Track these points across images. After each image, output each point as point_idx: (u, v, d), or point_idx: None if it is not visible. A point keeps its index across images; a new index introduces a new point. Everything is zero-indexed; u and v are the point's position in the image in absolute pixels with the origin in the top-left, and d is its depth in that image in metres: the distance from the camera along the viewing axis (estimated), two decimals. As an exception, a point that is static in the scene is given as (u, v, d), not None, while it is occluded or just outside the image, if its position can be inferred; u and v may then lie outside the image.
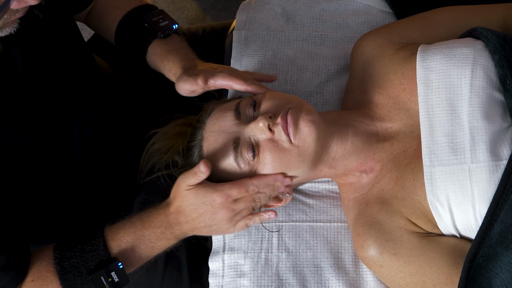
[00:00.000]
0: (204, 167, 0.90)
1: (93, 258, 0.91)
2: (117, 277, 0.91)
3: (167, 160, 1.09)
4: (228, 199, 0.92)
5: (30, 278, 0.92)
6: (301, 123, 0.93)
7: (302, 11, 1.28)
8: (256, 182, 0.94)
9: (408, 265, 0.94)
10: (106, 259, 0.92)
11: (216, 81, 0.97)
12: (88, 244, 0.92)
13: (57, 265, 0.91)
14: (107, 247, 0.92)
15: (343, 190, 1.07)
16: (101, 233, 0.94)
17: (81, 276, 0.91)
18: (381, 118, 1.03)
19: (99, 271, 0.91)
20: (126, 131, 1.18)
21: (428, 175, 0.93)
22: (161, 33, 1.06)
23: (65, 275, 0.91)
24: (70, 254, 0.92)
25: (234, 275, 1.09)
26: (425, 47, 1.02)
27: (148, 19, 1.07)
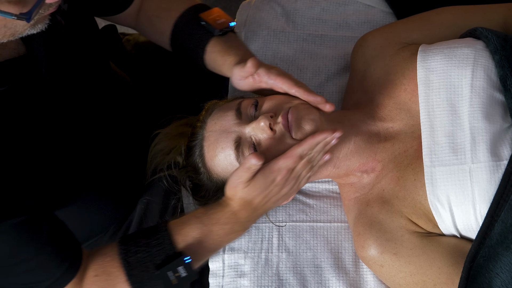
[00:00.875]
0: (256, 160, 0.87)
1: (159, 252, 0.90)
2: (184, 272, 0.90)
3: (169, 160, 1.09)
4: (288, 172, 0.92)
5: (93, 273, 0.90)
6: (302, 122, 0.93)
7: (302, 11, 1.28)
8: (306, 146, 0.91)
9: (408, 265, 0.94)
10: (172, 253, 0.90)
11: (269, 77, 0.94)
12: (153, 238, 0.91)
13: (123, 261, 0.89)
14: (172, 241, 0.91)
15: (343, 190, 1.07)
16: (165, 228, 0.92)
17: (148, 271, 0.89)
18: (382, 118, 1.03)
19: (166, 266, 0.89)
20: (131, 131, 1.18)
21: (428, 175, 0.93)
22: (219, 30, 1.05)
23: (131, 270, 0.89)
24: (135, 248, 0.90)
25: (234, 275, 1.09)
26: (426, 47, 1.02)
27: (205, 17, 1.06)
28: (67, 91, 0.95)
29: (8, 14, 0.68)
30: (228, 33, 1.07)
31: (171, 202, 1.14)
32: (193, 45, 1.06)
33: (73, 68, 0.96)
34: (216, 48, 1.04)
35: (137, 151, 1.16)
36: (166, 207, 1.16)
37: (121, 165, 1.15)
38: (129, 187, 1.18)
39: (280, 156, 0.91)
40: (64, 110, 0.95)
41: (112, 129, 1.10)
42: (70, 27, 0.94)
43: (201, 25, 1.06)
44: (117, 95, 1.13)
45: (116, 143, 1.12)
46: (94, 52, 1.04)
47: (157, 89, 1.33)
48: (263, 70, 0.94)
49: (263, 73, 0.95)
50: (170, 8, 1.11)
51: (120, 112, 1.13)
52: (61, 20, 0.91)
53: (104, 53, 1.11)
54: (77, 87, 0.97)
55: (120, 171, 1.15)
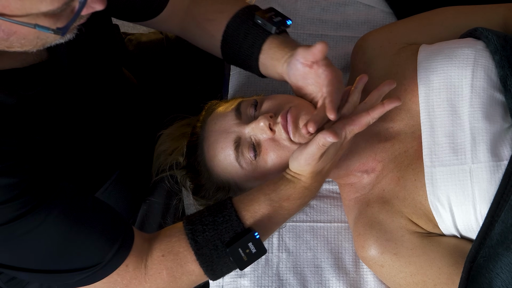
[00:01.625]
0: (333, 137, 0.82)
1: (227, 230, 0.88)
2: (254, 248, 0.87)
3: (171, 161, 1.09)
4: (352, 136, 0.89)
5: (159, 253, 0.88)
6: (301, 122, 0.93)
7: (302, 11, 1.28)
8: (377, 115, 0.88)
9: (409, 265, 0.94)
10: (241, 230, 0.88)
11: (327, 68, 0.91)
12: (219, 215, 0.89)
13: (191, 240, 0.87)
14: (240, 218, 0.89)
15: (343, 190, 1.07)
16: (230, 204, 0.90)
17: (217, 249, 0.87)
18: (382, 118, 1.03)
19: (237, 243, 0.87)
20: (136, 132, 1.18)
21: (429, 175, 0.93)
22: (276, 28, 1.02)
23: (200, 250, 0.87)
24: (202, 227, 0.88)
25: (235, 275, 1.09)
26: (426, 48, 1.02)
27: (261, 15, 1.03)
28: (85, 94, 0.95)
29: (46, 29, 0.68)
30: (283, 32, 1.05)
31: (173, 203, 1.14)
32: (248, 45, 1.03)
33: (91, 72, 0.96)
34: (274, 44, 1.01)
35: (142, 152, 1.17)
36: (168, 207, 1.16)
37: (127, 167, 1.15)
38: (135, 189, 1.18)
39: (347, 121, 0.87)
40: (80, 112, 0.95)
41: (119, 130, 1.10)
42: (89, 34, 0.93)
43: (257, 24, 1.03)
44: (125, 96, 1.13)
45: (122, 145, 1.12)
46: (109, 56, 1.04)
47: (158, 89, 1.33)
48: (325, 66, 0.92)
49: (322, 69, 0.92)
50: (222, 10, 1.08)
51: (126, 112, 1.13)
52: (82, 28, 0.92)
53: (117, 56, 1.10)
54: (94, 90, 0.98)
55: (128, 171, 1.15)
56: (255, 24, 1.03)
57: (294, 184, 0.92)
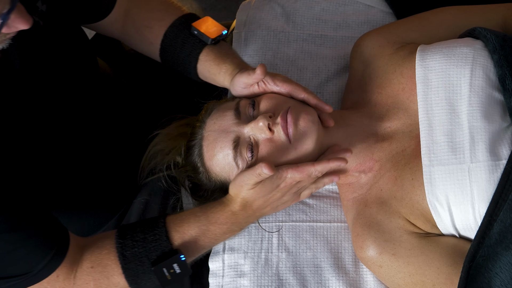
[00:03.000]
0: (268, 170, 0.89)
1: (155, 248, 0.92)
2: (179, 269, 0.91)
3: (169, 161, 1.09)
4: (292, 182, 0.95)
5: (89, 264, 0.91)
6: (300, 123, 0.93)
7: (302, 11, 1.28)
8: (320, 168, 0.94)
9: (407, 265, 0.94)
10: (168, 250, 0.92)
11: (275, 83, 0.97)
12: (150, 234, 0.93)
13: (119, 254, 0.91)
14: (169, 238, 0.93)
15: (342, 190, 1.07)
16: (163, 223, 0.94)
17: (143, 265, 0.91)
18: (380, 118, 1.03)
19: (162, 263, 0.91)
20: (127, 131, 1.18)
21: (427, 174, 0.93)
22: (212, 39, 1.06)
23: (127, 264, 0.91)
24: (132, 243, 0.92)
25: (234, 275, 1.09)
26: (425, 47, 1.02)
27: (197, 26, 1.06)
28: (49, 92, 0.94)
29: None
30: (220, 41, 1.08)
31: (170, 202, 1.15)
32: (185, 54, 1.07)
33: (55, 69, 0.95)
34: (210, 57, 1.05)
35: (131, 151, 1.16)
36: (165, 207, 1.16)
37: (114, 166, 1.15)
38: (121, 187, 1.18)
39: (292, 166, 0.93)
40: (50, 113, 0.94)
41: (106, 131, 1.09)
42: (50, 28, 0.94)
43: (193, 34, 1.07)
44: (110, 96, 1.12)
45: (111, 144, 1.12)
46: (77, 51, 1.03)
47: (156, 89, 1.33)
48: (269, 77, 0.97)
49: (269, 80, 0.97)
50: (160, 18, 1.10)
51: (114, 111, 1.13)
52: (39, 21, 0.90)
53: (90, 51, 1.10)
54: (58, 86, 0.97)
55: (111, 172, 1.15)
56: (191, 34, 1.06)
57: (223, 208, 0.96)
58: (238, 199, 0.96)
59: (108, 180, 1.14)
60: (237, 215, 0.96)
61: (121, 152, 1.16)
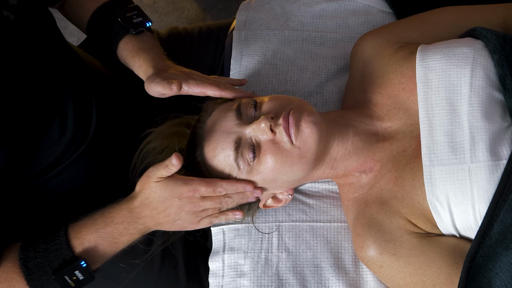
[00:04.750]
0: (176, 160, 0.90)
1: (57, 257, 0.92)
2: (81, 275, 0.92)
3: (162, 160, 1.08)
4: (195, 193, 0.94)
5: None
6: (302, 124, 0.93)
7: (302, 11, 1.28)
8: (226, 185, 0.95)
9: (407, 265, 0.94)
10: (70, 258, 0.93)
11: (190, 88, 0.96)
12: (51, 243, 0.93)
13: (22, 266, 0.91)
14: (70, 246, 0.93)
15: (342, 190, 1.07)
16: (64, 232, 0.94)
17: (46, 275, 0.92)
18: (381, 118, 1.03)
19: (63, 271, 0.92)
20: (117, 129, 1.17)
21: (427, 174, 0.93)
22: (133, 29, 1.06)
23: (30, 276, 0.91)
24: (34, 254, 0.92)
25: (234, 275, 1.09)
26: (425, 47, 1.02)
27: (121, 14, 1.07)
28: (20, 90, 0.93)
29: None
30: (144, 32, 1.08)
31: None
32: (107, 38, 1.07)
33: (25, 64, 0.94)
34: (128, 47, 1.05)
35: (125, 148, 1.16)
36: None
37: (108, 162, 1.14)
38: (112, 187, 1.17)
39: (201, 178, 0.94)
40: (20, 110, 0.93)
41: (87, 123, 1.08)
42: (21, 22, 0.93)
43: (118, 20, 1.07)
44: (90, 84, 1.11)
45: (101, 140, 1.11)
46: (51, 43, 1.03)
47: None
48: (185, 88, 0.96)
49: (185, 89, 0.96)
50: None
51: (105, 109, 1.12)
52: (9, 15, 0.89)
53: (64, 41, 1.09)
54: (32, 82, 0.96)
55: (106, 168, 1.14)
56: (116, 20, 1.07)
57: (120, 206, 0.95)
58: (139, 194, 0.95)
59: (101, 178, 1.14)
60: (133, 212, 0.95)
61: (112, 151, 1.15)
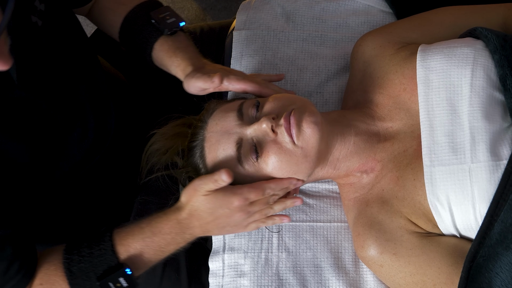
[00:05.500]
0: (226, 176, 0.89)
1: (102, 263, 0.91)
2: (125, 282, 0.91)
3: (166, 160, 1.08)
4: (246, 201, 0.93)
5: (39, 281, 0.91)
6: (304, 125, 0.92)
7: (302, 11, 1.28)
8: (273, 185, 0.95)
9: (408, 265, 0.94)
10: (114, 264, 0.92)
11: (230, 83, 0.97)
12: (96, 248, 0.92)
13: (66, 270, 0.91)
14: (115, 252, 0.92)
15: (343, 190, 1.07)
16: (109, 237, 0.93)
17: (90, 280, 0.91)
18: (382, 118, 1.03)
19: (108, 277, 0.90)
20: (126, 130, 1.17)
21: (428, 175, 0.93)
22: (168, 30, 1.06)
23: (74, 280, 0.90)
24: (78, 258, 0.91)
25: (234, 275, 1.09)
26: (425, 47, 1.02)
27: (155, 15, 1.07)
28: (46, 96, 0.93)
29: None
30: (178, 32, 1.08)
31: (168, 202, 1.14)
32: (141, 41, 1.07)
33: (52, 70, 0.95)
34: (164, 47, 1.05)
35: (132, 151, 1.16)
36: (163, 207, 1.16)
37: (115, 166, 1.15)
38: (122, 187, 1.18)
39: (247, 184, 0.94)
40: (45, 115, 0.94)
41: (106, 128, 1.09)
42: (49, 27, 0.93)
43: (151, 22, 1.07)
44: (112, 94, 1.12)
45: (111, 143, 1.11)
46: (77, 48, 1.03)
47: (154, 87, 1.32)
48: (225, 83, 0.97)
49: (225, 84, 0.97)
50: (125, 2, 1.11)
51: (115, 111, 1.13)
52: (37, 21, 0.89)
53: (92, 51, 1.10)
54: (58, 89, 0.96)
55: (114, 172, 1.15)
56: (150, 22, 1.06)
57: (168, 217, 0.95)
58: (187, 206, 0.94)
59: (108, 179, 1.14)
60: (181, 224, 0.94)
61: (121, 152, 1.16)
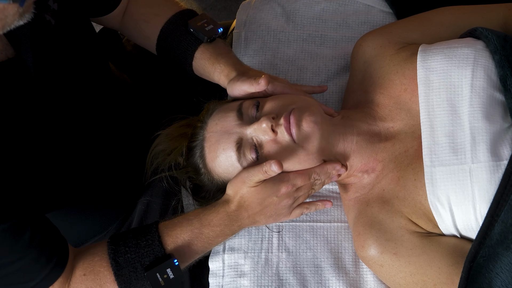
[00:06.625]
0: (277, 167, 0.90)
1: (148, 254, 0.90)
2: (172, 274, 0.90)
3: (170, 161, 1.08)
4: (293, 188, 0.95)
5: (81, 272, 0.90)
6: (303, 124, 0.93)
7: (302, 11, 1.29)
8: (318, 170, 0.96)
9: (408, 264, 0.94)
10: (161, 255, 0.91)
11: (275, 89, 0.99)
12: (143, 239, 0.91)
13: (112, 260, 0.90)
14: (162, 243, 0.91)
15: (343, 190, 1.07)
16: (155, 229, 0.93)
17: (136, 272, 0.90)
18: (383, 118, 1.03)
19: (155, 268, 0.89)
20: (130, 131, 1.18)
21: (428, 175, 0.93)
22: (208, 37, 1.06)
23: (120, 271, 0.89)
24: (124, 249, 0.90)
25: (234, 275, 1.09)
26: (426, 47, 1.02)
27: (193, 24, 1.07)
28: (62, 92, 0.94)
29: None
30: (216, 39, 1.08)
31: (171, 203, 1.14)
32: (181, 51, 1.07)
33: (67, 68, 0.95)
34: (206, 55, 1.06)
35: (136, 151, 1.16)
36: (167, 207, 1.16)
37: (120, 166, 1.15)
38: (127, 187, 1.18)
39: (293, 171, 0.95)
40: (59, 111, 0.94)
41: (111, 130, 1.09)
42: (61, 26, 0.93)
43: (189, 31, 1.07)
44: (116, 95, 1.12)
45: (116, 144, 1.11)
46: (90, 52, 1.03)
47: (157, 89, 1.33)
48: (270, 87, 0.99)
49: (269, 88, 0.98)
50: (157, 13, 1.11)
51: (119, 112, 1.13)
52: (50, 19, 0.90)
53: (102, 53, 1.10)
54: (72, 88, 0.96)
55: (119, 172, 1.15)
56: (187, 31, 1.07)
57: (218, 209, 0.95)
58: (236, 198, 0.95)
59: (112, 180, 1.14)
60: (231, 216, 0.95)
61: (127, 152, 1.16)
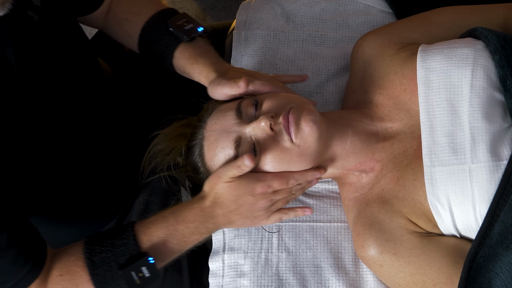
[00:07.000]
0: (249, 161, 0.90)
1: (124, 252, 0.90)
2: (148, 272, 0.90)
3: (169, 161, 1.08)
4: (269, 189, 0.94)
5: (58, 272, 0.90)
6: (302, 123, 0.93)
7: (302, 11, 1.28)
8: (298, 176, 0.96)
9: (408, 264, 0.94)
10: (136, 253, 0.90)
11: (255, 88, 0.98)
12: (118, 238, 0.91)
13: (87, 260, 0.89)
14: (137, 241, 0.91)
15: (343, 190, 1.07)
16: (131, 228, 0.92)
17: (111, 270, 0.89)
18: (381, 118, 1.03)
19: (130, 266, 0.89)
20: (127, 132, 1.18)
21: (428, 175, 0.93)
22: (187, 37, 1.06)
23: (95, 270, 0.89)
24: (100, 248, 0.90)
25: (234, 275, 1.09)
26: (426, 47, 1.02)
27: (172, 23, 1.07)
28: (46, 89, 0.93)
29: None
30: (196, 38, 1.08)
31: (170, 203, 1.14)
32: (161, 50, 1.07)
33: (51, 64, 0.94)
34: (185, 55, 1.05)
35: (131, 152, 1.16)
36: (165, 207, 1.16)
37: (114, 166, 1.15)
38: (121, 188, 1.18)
39: (272, 173, 0.94)
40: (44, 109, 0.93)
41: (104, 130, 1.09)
42: (45, 23, 0.93)
43: (169, 30, 1.07)
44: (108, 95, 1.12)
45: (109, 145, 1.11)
46: (76, 50, 1.03)
47: (157, 89, 1.33)
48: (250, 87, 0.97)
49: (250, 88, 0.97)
50: (139, 12, 1.11)
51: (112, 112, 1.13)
52: (33, 15, 0.89)
53: (90, 51, 1.09)
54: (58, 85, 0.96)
55: (113, 172, 1.15)
56: (168, 31, 1.06)
57: (192, 205, 0.94)
58: (211, 194, 0.94)
59: (109, 180, 1.14)
60: (205, 212, 0.94)
61: (122, 152, 1.16)
